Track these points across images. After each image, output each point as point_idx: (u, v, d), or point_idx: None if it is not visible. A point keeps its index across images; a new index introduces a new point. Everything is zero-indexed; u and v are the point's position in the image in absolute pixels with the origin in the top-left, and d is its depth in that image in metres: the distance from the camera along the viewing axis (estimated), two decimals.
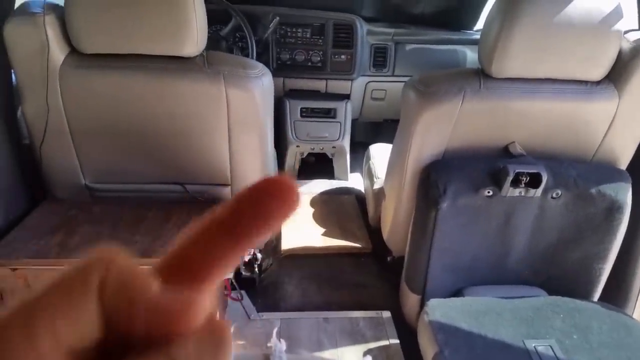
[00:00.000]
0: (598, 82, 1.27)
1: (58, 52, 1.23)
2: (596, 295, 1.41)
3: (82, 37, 1.21)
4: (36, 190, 1.46)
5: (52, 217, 1.33)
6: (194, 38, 1.21)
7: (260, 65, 1.34)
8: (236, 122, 1.32)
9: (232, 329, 1.11)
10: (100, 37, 1.21)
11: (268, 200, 0.20)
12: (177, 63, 1.26)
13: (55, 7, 1.23)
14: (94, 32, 1.20)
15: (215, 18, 1.88)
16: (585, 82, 1.27)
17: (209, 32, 1.29)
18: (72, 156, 1.37)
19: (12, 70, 1.32)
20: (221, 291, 1.53)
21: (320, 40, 2.38)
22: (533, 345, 1.13)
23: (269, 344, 0.82)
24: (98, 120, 1.32)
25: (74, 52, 1.25)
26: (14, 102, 1.39)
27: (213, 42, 1.98)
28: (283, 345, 0.80)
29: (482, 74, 1.27)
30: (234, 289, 1.64)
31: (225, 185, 1.44)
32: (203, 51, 1.28)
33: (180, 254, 0.21)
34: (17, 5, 1.30)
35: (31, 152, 1.39)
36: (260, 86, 1.29)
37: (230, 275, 1.35)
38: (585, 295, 1.39)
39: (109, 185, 1.44)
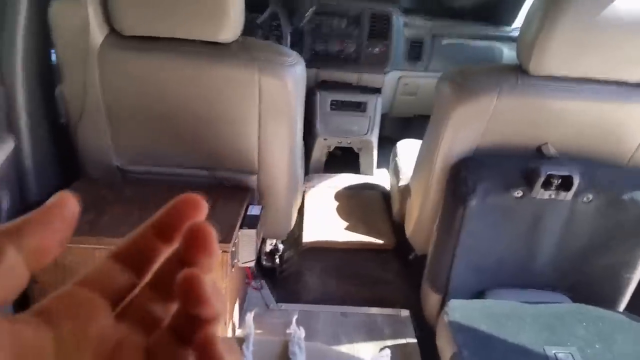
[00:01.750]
0: (638, 84, 1.23)
1: (97, 33, 1.25)
2: (622, 305, 1.37)
3: (121, 19, 1.23)
4: (69, 169, 1.49)
5: (84, 196, 1.33)
6: (230, 24, 1.22)
7: (295, 54, 1.34)
8: (267, 110, 1.32)
9: (247, 317, 1.13)
10: (139, 20, 1.23)
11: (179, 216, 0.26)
12: (213, 48, 1.27)
13: None
14: (133, 14, 1.22)
15: (252, 5, 1.89)
16: (625, 83, 1.23)
17: (245, 20, 1.29)
18: (106, 137, 1.40)
19: (53, 50, 1.35)
20: (243, 279, 1.54)
21: (355, 31, 2.36)
22: (553, 352, 1.11)
23: (288, 331, 0.83)
24: (133, 102, 1.34)
25: (112, 33, 1.27)
26: (53, 81, 1.42)
27: (249, 30, 1.99)
28: (302, 332, 0.81)
29: (519, 70, 1.25)
30: (254, 277, 1.66)
31: (253, 173, 1.45)
32: (239, 37, 1.29)
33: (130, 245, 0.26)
34: None
35: (67, 131, 1.42)
36: (293, 74, 1.29)
37: (252, 264, 1.36)
38: (611, 304, 1.35)
39: (139, 168, 1.47)
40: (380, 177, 2.62)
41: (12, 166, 1.28)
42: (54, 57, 1.37)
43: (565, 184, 1.22)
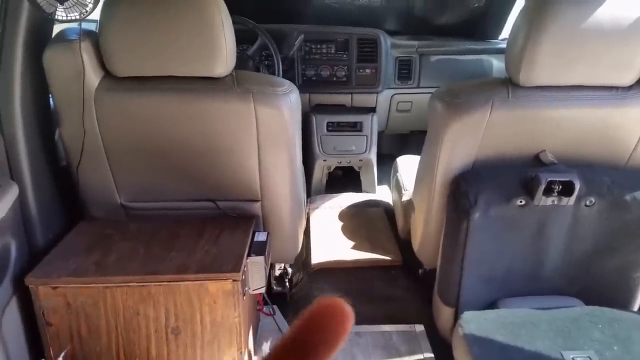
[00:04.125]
0: (629, 87, 1.25)
1: (93, 77, 1.28)
2: (636, 305, 1.37)
3: (115, 62, 1.25)
4: (73, 210, 1.50)
5: (89, 236, 1.36)
6: (223, 59, 1.24)
7: (288, 83, 1.36)
8: (265, 139, 1.34)
9: (264, 347, 1.12)
10: (132, 61, 1.25)
11: (326, 324, 0.22)
12: (207, 83, 1.29)
13: (90, 34, 1.28)
14: (127, 56, 1.24)
15: (242, 38, 1.93)
16: (617, 88, 1.25)
17: (236, 52, 1.32)
18: (107, 176, 1.41)
19: (50, 95, 1.37)
20: (254, 306, 1.54)
21: (344, 55, 2.40)
22: (571, 356, 1.11)
23: None
24: (132, 140, 1.36)
25: (108, 75, 1.30)
26: (52, 125, 1.44)
27: (240, 61, 2.02)
28: None
29: (510, 83, 1.27)
30: (266, 303, 1.65)
31: (256, 200, 1.46)
32: (232, 71, 1.31)
33: None
34: (54, 32, 1.36)
35: (68, 174, 1.43)
36: (288, 103, 1.31)
37: (263, 290, 1.36)
38: (624, 305, 1.35)
39: (143, 204, 1.48)
40: (382, 194, 2.63)
41: (18, 213, 1.28)
42: (51, 101, 1.39)
43: (567, 189, 1.23)
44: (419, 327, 1.65)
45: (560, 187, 1.23)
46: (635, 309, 1.37)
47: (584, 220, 1.28)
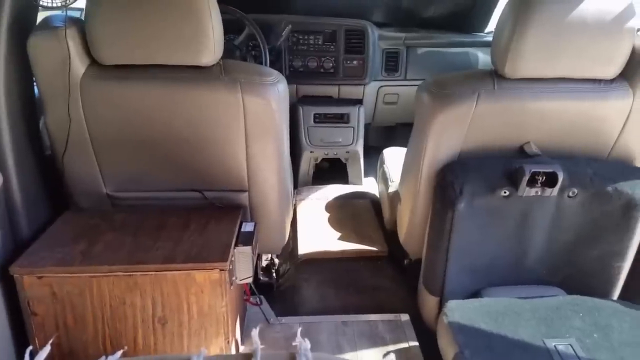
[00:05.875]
0: (612, 80, 1.28)
1: (79, 64, 1.26)
2: (616, 294, 1.40)
3: (101, 49, 1.24)
4: (59, 200, 1.49)
5: (75, 226, 1.35)
6: (210, 48, 1.24)
7: (275, 72, 1.36)
8: (253, 129, 1.34)
9: (253, 333, 1.12)
10: (119, 49, 1.24)
11: None
12: (194, 72, 1.28)
13: (76, 21, 1.26)
14: (113, 44, 1.23)
15: (229, 27, 1.92)
16: (600, 81, 1.27)
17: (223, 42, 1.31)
18: (93, 166, 1.40)
19: (35, 83, 1.35)
20: (241, 296, 1.54)
21: (332, 47, 2.41)
22: (553, 344, 1.13)
23: (294, 343, 0.83)
24: (118, 129, 1.35)
25: (94, 63, 1.28)
26: (37, 113, 1.42)
27: (227, 51, 2.01)
28: (308, 344, 0.81)
29: (495, 75, 1.28)
30: (253, 293, 1.66)
31: (243, 191, 1.46)
32: (219, 60, 1.31)
33: None
34: (39, 19, 1.34)
35: (53, 163, 1.42)
36: (276, 93, 1.31)
37: (250, 280, 1.36)
38: (605, 294, 1.38)
39: (129, 194, 1.47)
40: (369, 186, 2.64)
41: (2, 201, 1.27)
42: (36, 89, 1.37)
43: (550, 180, 1.25)
44: (405, 317, 1.67)
45: (544, 178, 1.25)
46: (615, 297, 1.40)
47: (566, 211, 1.30)
